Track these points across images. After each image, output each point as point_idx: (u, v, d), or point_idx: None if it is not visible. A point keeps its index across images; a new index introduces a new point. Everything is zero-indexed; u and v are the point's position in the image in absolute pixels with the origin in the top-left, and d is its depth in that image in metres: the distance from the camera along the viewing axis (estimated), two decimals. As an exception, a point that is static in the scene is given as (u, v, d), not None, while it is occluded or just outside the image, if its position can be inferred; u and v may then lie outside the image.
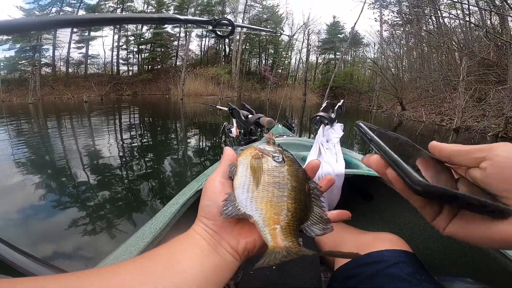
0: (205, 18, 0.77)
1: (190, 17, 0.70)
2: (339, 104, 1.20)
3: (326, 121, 1.10)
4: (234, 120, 1.41)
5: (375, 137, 0.28)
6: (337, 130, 1.09)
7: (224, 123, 1.56)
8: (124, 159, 3.96)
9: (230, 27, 0.76)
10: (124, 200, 2.62)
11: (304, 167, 0.36)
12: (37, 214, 2.27)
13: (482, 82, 7.64)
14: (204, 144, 5.26)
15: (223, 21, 0.75)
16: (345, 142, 5.71)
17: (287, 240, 0.28)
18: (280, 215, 0.30)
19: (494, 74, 7.32)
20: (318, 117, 1.12)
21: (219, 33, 0.77)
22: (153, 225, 0.62)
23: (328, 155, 0.95)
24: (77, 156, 4.06)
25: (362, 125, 0.31)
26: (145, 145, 4.95)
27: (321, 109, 1.15)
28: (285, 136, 1.58)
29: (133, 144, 4.93)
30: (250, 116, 1.22)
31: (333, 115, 1.13)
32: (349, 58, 20.97)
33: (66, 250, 1.81)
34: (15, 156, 3.84)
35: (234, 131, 1.44)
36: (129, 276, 0.25)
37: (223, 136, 1.57)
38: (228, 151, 0.37)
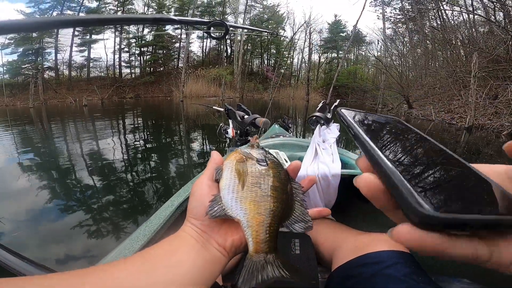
0: (199, 19, 0.77)
1: (184, 18, 0.71)
2: (335, 104, 1.22)
3: (322, 121, 1.10)
4: (230, 121, 1.42)
5: (362, 135, 0.22)
6: (333, 130, 1.10)
7: (221, 124, 1.57)
8: (122, 162, 3.87)
9: (224, 28, 0.76)
10: (123, 201, 2.57)
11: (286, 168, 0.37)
12: (40, 216, 2.25)
13: (493, 78, 7.44)
14: (204, 144, 5.18)
15: (217, 23, 0.75)
16: (349, 143, 5.61)
17: (266, 245, 0.31)
18: (262, 214, 0.32)
19: (510, 69, 7.08)
20: (314, 117, 1.13)
21: (213, 35, 0.77)
22: (148, 228, 0.63)
23: (325, 155, 0.95)
24: (70, 160, 3.99)
25: (345, 115, 0.25)
26: (144, 148, 4.87)
27: (317, 109, 1.16)
28: (281, 137, 1.56)
29: (131, 147, 4.86)
30: (246, 116, 1.22)
31: (329, 115, 1.13)
32: (352, 56, 20.82)
33: (71, 252, 1.80)
34: (9, 159, 3.82)
35: (231, 131, 1.46)
36: (122, 274, 0.26)
37: (225, 137, 1.58)
38: (214, 155, 0.38)
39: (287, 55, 20.88)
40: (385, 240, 0.54)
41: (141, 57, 19.58)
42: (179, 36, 19.44)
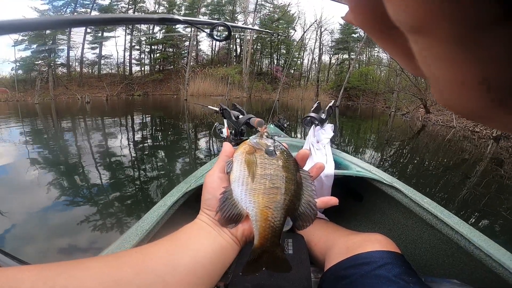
0: (203, 20, 0.79)
1: (189, 18, 0.68)
2: (330, 104, 1.23)
3: (317, 122, 1.10)
4: (225, 121, 1.44)
5: None
6: (328, 130, 1.09)
7: (216, 124, 1.59)
8: (117, 162, 3.71)
9: (227, 30, 0.75)
10: (118, 199, 2.41)
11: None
12: (40, 211, 2.19)
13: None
14: (203, 143, 4.96)
15: (220, 25, 0.76)
16: (356, 145, 5.26)
17: (270, 241, 0.32)
18: (270, 208, 0.32)
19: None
20: (309, 117, 1.13)
21: (216, 37, 0.77)
22: (140, 227, 0.62)
23: (318, 155, 0.96)
24: (53, 160, 3.87)
25: None
26: (140, 146, 4.72)
27: (312, 109, 1.16)
28: (276, 137, 1.45)
29: (124, 147, 4.74)
30: (240, 116, 1.19)
31: (323, 116, 1.13)
32: (364, 58, 20.28)
33: (78, 246, 1.79)
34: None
35: (225, 131, 1.48)
36: (156, 255, 0.30)
37: (220, 136, 1.57)
38: (226, 147, 0.39)
39: (297, 55, 20.54)
40: (377, 240, 0.55)
41: (151, 55, 19.67)
42: (189, 35, 19.40)
